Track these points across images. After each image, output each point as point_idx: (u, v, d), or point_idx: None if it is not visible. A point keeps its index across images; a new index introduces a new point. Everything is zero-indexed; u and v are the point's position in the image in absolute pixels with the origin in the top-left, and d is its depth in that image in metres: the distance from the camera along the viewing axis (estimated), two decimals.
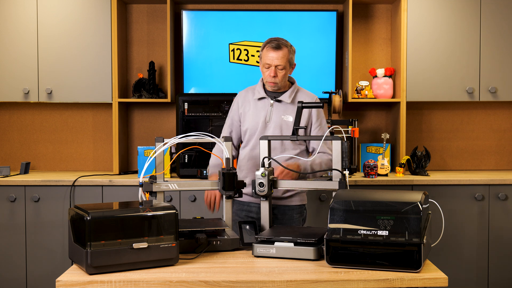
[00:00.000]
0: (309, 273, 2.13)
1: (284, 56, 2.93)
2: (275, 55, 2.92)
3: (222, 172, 2.53)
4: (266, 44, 2.97)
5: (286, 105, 3.01)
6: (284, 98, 3.00)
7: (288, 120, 2.98)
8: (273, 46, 2.93)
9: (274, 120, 2.98)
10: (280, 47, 2.93)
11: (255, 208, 3.05)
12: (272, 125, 2.98)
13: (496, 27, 4.09)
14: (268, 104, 3.01)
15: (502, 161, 4.48)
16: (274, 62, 2.92)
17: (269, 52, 2.93)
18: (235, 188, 2.54)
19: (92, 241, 2.06)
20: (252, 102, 3.05)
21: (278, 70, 2.94)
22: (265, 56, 2.95)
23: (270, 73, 2.93)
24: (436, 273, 2.11)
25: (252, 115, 3.02)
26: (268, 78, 2.96)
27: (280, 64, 2.92)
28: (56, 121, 4.43)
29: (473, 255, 3.91)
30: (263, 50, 2.97)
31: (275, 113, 2.99)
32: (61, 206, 3.86)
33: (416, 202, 2.13)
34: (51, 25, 4.08)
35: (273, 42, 2.95)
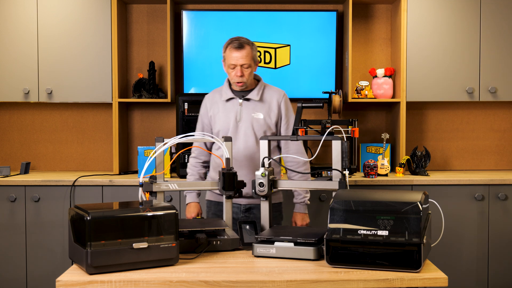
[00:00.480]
0: (309, 273, 2.13)
1: (248, 55, 2.94)
2: (239, 55, 2.93)
3: (222, 172, 2.54)
4: (228, 44, 2.97)
5: (255, 103, 3.02)
6: (253, 96, 3.02)
7: (258, 117, 3.00)
8: (235, 46, 2.94)
9: (244, 119, 3.00)
10: (242, 46, 2.94)
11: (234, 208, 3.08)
12: (244, 124, 2.99)
13: (496, 27, 4.09)
14: (237, 104, 3.02)
15: (502, 161, 4.48)
16: (239, 61, 2.93)
17: (232, 53, 2.94)
18: (235, 188, 2.55)
19: (92, 241, 2.07)
20: (220, 104, 3.05)
21: (244, 69, 2.95)
22: (229, 56, 2.96)
23: (237, 73, 2.95)
24: (436, 273, 2.11)
25: (222, 116, 3.02)
26: (235, 78, 2.97)
27: (245, 63, 2.94)
28: (56, 121, 4.43)
29: (473, 255, 3.91)
30: (226, 51, 2.98)
31: (245, 111, 3.01)
32: (61, 206, 3.86)
33: (416, 202, 2.13)
34: (51, 25, 4.08)
35: (235, 42, 2.95)
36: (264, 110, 3.01)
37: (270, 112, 3.02)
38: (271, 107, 3.03)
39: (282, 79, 4.27)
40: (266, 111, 3.02)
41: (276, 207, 3.10)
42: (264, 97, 3.04)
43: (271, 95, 3.05)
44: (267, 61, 4.27)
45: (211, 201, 3.16)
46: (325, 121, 4.02)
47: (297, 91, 4.28)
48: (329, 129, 2.83)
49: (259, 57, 4.26)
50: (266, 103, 3.03)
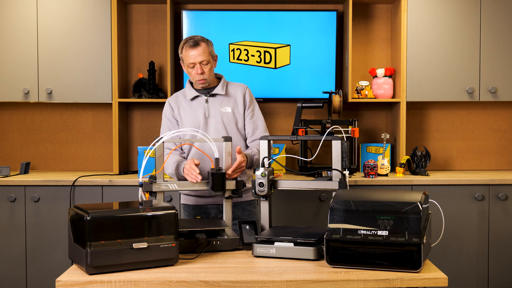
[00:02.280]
0: (309, 273, 2.13)
1: (205, 51, 2.95)
2: (196, 52, 2.94)
3: (211, 173, 2.53)
4: (183, 44, 2.98)
5: (222, 97, 3.04)
6: (218, 91, 3.03)
7: (227, 111, 3.01)
8: (191, 45, 2.95)
9: (213, 114, 3.00)
10: (198, 44, 2.95)
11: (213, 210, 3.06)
12: (213, 120, 3.00)
13: (496, 27, 4.09)
14: (202, 101, 3.03)
15: (502, 161, 4.48)
16: (197, 59, 2.94)
17: (188, 52, 2.95)
18: (224, 188, 2.54)
19: (92, 241, 2.07)
20: (185, 104, 3.05)
21: (203, 65, 2.96)
22: (186, 56, 2.96)
23: (197, 71, 2.95)
24: (436, 273, 2.11)
25: (190, 115, 3.02)
26: (196, 77, 2.97)
27: (203, 60, 2.95)
28: (56, 121, 4.43)
29: (473, 255, 3.91)
30: (183, 52, 2.98)
31: (213, 107, 3.01)
32: (61, 206, 3.86)
33: (416, 202, 2.13)
34: (51, 25, 4.08)
35: (189, 41, 2.96)
36: (231, 104, 3.03)
37: (237, 105, 3.04)
38: (237, 100, 3.05)
39: (282, 79, 4.27)
40: (233, 104, 3.03)
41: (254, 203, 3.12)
42: (229, 92, 3.06)
43: (235, 90, 3.08)
44: (267, 61, 4.27)
45: (188, 205, 3.10)
46: (325, 121, 4.02)
47: (297, 91, 4.28)
48: (329, 129, 2.84)
49: (259, 57, 4.26)
50: (232, 97, 3.05)
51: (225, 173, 2.56)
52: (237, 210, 3.06)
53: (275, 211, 3.82)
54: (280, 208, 3.84)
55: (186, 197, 3.12)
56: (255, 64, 4.26)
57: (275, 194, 3.68)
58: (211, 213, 3.06)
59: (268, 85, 4.27)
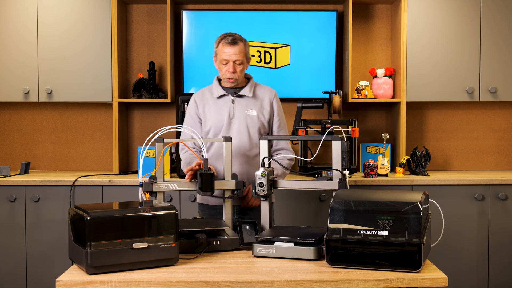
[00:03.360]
0: (309, 273, 2.13)
1: (241, 51, 2.91)
2: (232, 50, 2.89)
3: (199, 173, 2.52)
4: (221, 40, 2.92)
5: (248, 100, 2.99)
6: (245, 93, 2.98)
7: (252, 114, 2.97)
8: (229, 41, 2.89)
9: (238, 115, 2.96)
10: (236, 42, 2.90)
11: None
12: (237, 121, 2.96)
13: (496, 27, 4.09)
14: (229, 100, 2.99)
15: (502, 161, 4.48)
16: (231, 57, 2.89)
17: (225, 48, 2.90)
18: (212, 188, 2.53)
19: (92, 241, 2.07)
20: (211, 101, 3.00)
21: (236, 65, 2.91)
22: (222, 52, 2.91)
23: (229, 69, 2.91)
24: (436, 273, 2.11)
25: (214, 113, 2.97)
26: (226, 74, 2.93)
27: (238, 59, 2.90)
28: (56, 121, 4.43)
29: (473, 255, 3.91)
30: (219, 46, 2.93)
31: (238, 108, 2.97)
32: (61, 206, 3.86)
33: (416, 202, 2.13)
34: (51, 25, 4.08)
35: (228, 38, 2.90)
36: (257, 107, 2.99)
37: (262, 109, 3.00)
38: (263, 104, 3.01)
39: (282, 79, 4.27)
40: (258, 108, 2.99)
41: None
42: (257, 94, 3.02)
43: (263, 93, 3.03)
44: (267, 61, 4.27)
45: (203, 205, 3.08)
46: (325, 121, 4.02)
47: (297, 91, 4.28)
48: (329, 129, 2.83)
49: (259, 57, 4.26)
50: (258, 100, 3.01)
51: (213, 173, 2.53)
52: (252, 213, 3.03)
53: (275, 211, 3.81)
54: (280, 208, 3.84)
55: (202, 196, 3.07)
56: (255, 64, 4.25)
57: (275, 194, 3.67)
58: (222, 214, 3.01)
59: (268, 85, 4.26)
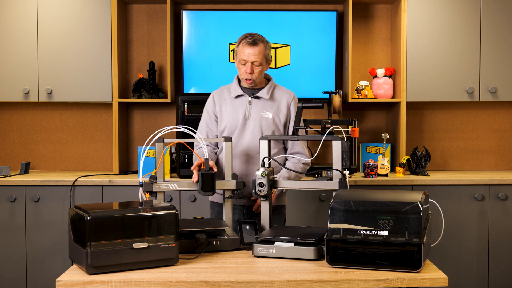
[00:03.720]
0: (309, 273, 2.13)
1: (261, 52, 2.88)
2: (251, 51, 2.87)
3: (200, 173, 2.52)
4: (242, 39, 2.91)
5: (265, 102, 2.97)
6: (263, 94, 2.96)
7: (267, 116, 2.94)
8: (249, 42, 2.87)
9: (253, 117, 2.94)
10: (256, 43, 2.88)
11: (237, 210, 3.00)
12: (252, 123, 2.93)
13: (496, 27, 4.09)
14: (246, 101, 2.96)
15: (502, 161, 4.48)
16: (250, 58, 2.87)
17: (245, 48, 2.88)
18: (214, 188, 2.52)
19: (92, 241, 2.07)
20: (228, 100, 2.99)
21: (255, 66, 2.89)
22: (241, 52, 2.89)
23: (246, 70, 2.89)
24: (436, 273, 2.11)
25: (230, 113, 2.96)
26: (244, 75, 2.91)
27: (256, 60, 2.87)
28: (56, 121, 4.43)
29: (473, 255, 3.91)
30: (239, 46, 2.91)
31: (254, 110, 2.95)
32: (61, 206, 3.86)
33: (416, 202, 2.13)
34: (51, 25, 4.08)
35: (249, 38, 2.89)
36: (273, 110, 2.96)
37: (279, 112, 2.97)
38: (280, 107, 2.97)
39: (282, 79, 4.27)
40: (275, 111, 2.96)
41: (280, 209, 3.06)
42: (274, 97, 2.99)
43: (281, 95, 3.00)
44: None
45: (214, 203, 3.08)
46: (325, 121, 4.02)
47: (297, 91, 4.23)
48: (329, 129, 2.83)
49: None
50: (275, 103, 2.97)
51: (215, 173, 2.53)
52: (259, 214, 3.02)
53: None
54: None
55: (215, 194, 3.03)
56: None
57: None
58: (235, 213, 2.98)
59: None
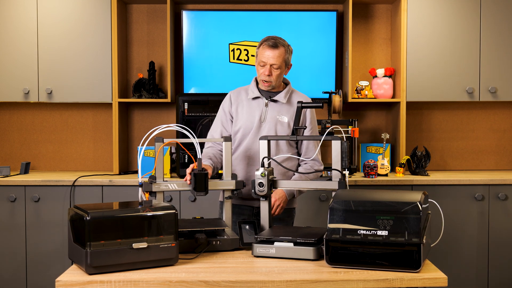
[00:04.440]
0: (308, 273, 2.13)
1: (280, 56, 2.88)
2: (271, 54, 2.88)
3: (193, 173, 2.51)
4: (263, 42, 2.92)
5: (281, 105, 2.96)
6: (280, 98, 2.95)
7: (283, 120, 2.93)
8: (270, 45, 2.89)
9: (269, 120, 2.93)
10: (277, 46, 2.89)
11: (246, 211, 3.00)
12: (267, 125, 2.93)
13: (496, 27, 4.09)
14: (262, 103, 2.96)
15: (502, 161, 4.48)
16: (269, 60, 2.88)
17: (265, 50, 2.89)
18: (206, 189, 2.52)
19: (91, 241, 2.07)
20: (245, 102, 2.99)
21: (273, 69, 2.89)
22: (261, 54, 2.90)
23: (265, 72, 2.89)
24: (436, 273, 2.11)
25: (246, 114, 2.96)
26: (262, 77, 2.91)
27: (275, 63, 2.88)
28: (56, 121, 4.43)
29: (473, 255, 3.91)
30: (260, 48, 2.92)
31: (270, 113, 2.94)
32: (61, 206, 3.86)
33: (416, 202, 2.13)
34: (51, 25, 4.08)
35: (270, 41, 2.90)
36: (290, 114, 2.94)
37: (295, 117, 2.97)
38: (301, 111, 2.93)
39: None
40: (291, 116, 2.94)
41: (289, 212, 3.04)
42: (291, 101, 2.97)
43: (298, 100, 2.97)
44: None
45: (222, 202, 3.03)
46: (325, 121, 4.02)
47: None
48: (329, 129, 2.83)
49: None
50: (292, 107, 2.96)
51: (207, 173, 2.52)
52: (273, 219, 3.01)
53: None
54: None
55: None
56: (255, 64, 4.24)
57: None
58: (244, 214, 2.98)
59: None
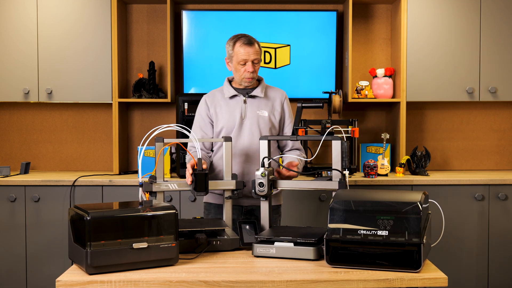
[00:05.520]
0: (309, 273, 2.13)
1: (257, 51, 2.94)
2: (251, 50, 2.91)
3: (194, 173, 2.52)
4: (236, 41, 2.94)
5: (260, 100, 3.00)
6: (257, 93, 2.99)
7: (263, 115, 2.97)
8: (246, 42, 2.92)
9: (249, 116, 2.96)
10: (252, 42, 2.93)
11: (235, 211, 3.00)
12: (249, 121, 2.96)
13: (496, 27, 4.09)
14: (241, 101, 2.98)
15: (502, 161, 4.48)
16: (250, 57, 2.90)
17: (243, 48, 2.91)
18: (207, 188, 2.52)
19: (92, 241, 2.07)
20: (222, 102, 3.00)
21: (255, 64, 2.93)
22: (239, 52, 2.92)
23: (248, 69, 2.91)
24: (436, 273, 2.11)
25: (226, 114, 2.97)
26: (246, 74, 2.93)
27: (256, 58, 2.92)
28: (56, 121, 4.43)
29: (473, 255, 3.91)
30: (235, 48, 2.93)
31: (250, 108, 2.97)
32: (61, 206, 3.86)
33: (416, 202, 2.13)
34: (51, 25, 4.08)
35: (244, 38, 2.93)
36: (268, 108, 3.00)
37: (274, 110, 3.01)
38: (275, 105, 3.01)
39: (282, 79, 4.27)
40: (270, 109, 3.00)
41: (276, 209, 3.08)
42: (268, 95, 3.03)
43: (274, 94, 3.04)
44: (267, 61, 4.27)
45: (210, 204, 3.07)
46: (325, 121, 4.02)
47: (297, 91, 4.28)
48: (329, 129, 2.83)
49: None
50: (270, 101, 3.01)
51: (207, 173, 2.53)
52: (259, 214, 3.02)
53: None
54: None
55: (209, 195, 3.05)
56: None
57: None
58: (233, 213, 2.98)
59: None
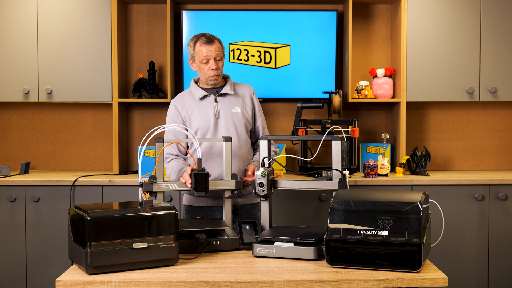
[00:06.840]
0: (309, 273, 2.13)
1: (218, 47, 2.93)
2: (212, 48, 2.91)
3: (193, 173, 2.52)
4: (196, 40, 2.94)
5: (231, 97, 3.02)
6: (227, 90, 3.00)
7: (236, 111, 2.99)
8: (205, 41, 2.91)
9: (223, 114, 2.98)
10: (212, 40, 2.92)
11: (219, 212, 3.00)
12: (223, 120, 2.97)
13: (496, 27, 4.09)
14: (212, 100, 2.99)
15: (502, 161, 4.48)
16: (212, 54, 2.91)
17: (203, 47, 2.91)
18: (207, 188, 2.53)
19: (92, 241, 2.07)
20: (193, 104, 3.00)
21: (217, 61, 2.93)
22: (200, 51, 2.92)
23: (211, 66, 2.92)
24: (436, 273, 2.11)
25: (199, 115, 2.97)
26: (210, 73, 2.94)
27: (218, 54, 2.92)
28: (56, 121, 4.43)
29: (473, 255, 3.91)
30: (196, 47, 2.93)
31: (222, 107, 2.99)
32: (61, 206, 3.86)
33: (416, 202, 2.13)
34: (51, 25, 4.08)
35: (203, 37, 2.93)
36: (240, 104, 3.02)
37: (245, 106, 3.04)
38: (245, 101, 3.05)
39: (282, 79, 4.27)
40: (242, 105, 3.03)
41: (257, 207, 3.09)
42: (237, 92, 3.05)
43: (243, 90, 3.07)
44: (267, 61, 4.27)
45: (191, 206, 3.06)
46: (325, 121, 4.02)
47: (297, 91, 4.28)
48: (329, 129, 2.83)
49: (259, 57, 4.26)
50: (240, 98, 3.04)
51: (207, 173, 2.54)
52: (242, 213, 3.04)
53: (275, 211, 3.82)
54: (280, 208, 3.84)
55: (189, 197, 3.06)
56: (255, 64, 4.25)
57: (275, 194, 3.68)
58: (216, 215, 3.00)
59: (268, 85, 4.27)
